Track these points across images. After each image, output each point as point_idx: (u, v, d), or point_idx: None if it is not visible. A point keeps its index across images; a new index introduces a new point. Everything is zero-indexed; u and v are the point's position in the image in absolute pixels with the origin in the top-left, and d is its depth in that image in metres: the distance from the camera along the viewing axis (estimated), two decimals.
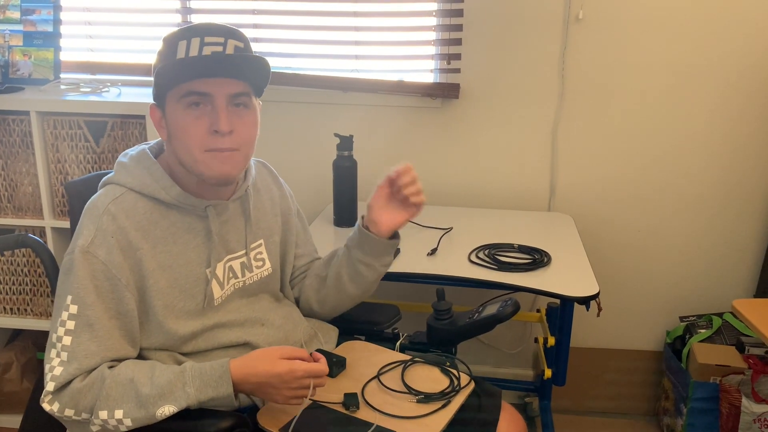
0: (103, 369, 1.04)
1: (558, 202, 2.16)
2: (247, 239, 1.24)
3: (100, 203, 1.11)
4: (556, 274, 1.63)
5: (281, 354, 1.05)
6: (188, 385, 1.02)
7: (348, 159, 1.90)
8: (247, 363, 1.04)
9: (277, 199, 1.35)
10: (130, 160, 1.16)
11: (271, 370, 1.03)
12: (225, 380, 1.02)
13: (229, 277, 1.21)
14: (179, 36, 1.09)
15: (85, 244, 1.06)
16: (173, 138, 1.11)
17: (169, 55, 1.09)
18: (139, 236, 1.10)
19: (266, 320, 1.25)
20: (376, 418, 1.11)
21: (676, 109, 2.03)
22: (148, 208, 1.12)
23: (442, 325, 1.34)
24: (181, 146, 1.11)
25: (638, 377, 2.29)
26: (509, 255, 1.73)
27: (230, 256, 1.22)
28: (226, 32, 1.10)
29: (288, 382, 1.04)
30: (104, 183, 1.17)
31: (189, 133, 1.08)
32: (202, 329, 1.16)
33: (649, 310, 2.24)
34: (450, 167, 2.17)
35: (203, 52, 1.07)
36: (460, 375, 1.24)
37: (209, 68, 1.08)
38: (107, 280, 1.06)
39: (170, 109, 1.10)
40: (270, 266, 1.30)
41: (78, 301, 1.04)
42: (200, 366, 1.04)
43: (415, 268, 1.64)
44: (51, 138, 2.00)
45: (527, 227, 1.97)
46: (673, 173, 2.09)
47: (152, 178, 1.13)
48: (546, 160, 2.12)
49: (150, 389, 1.01)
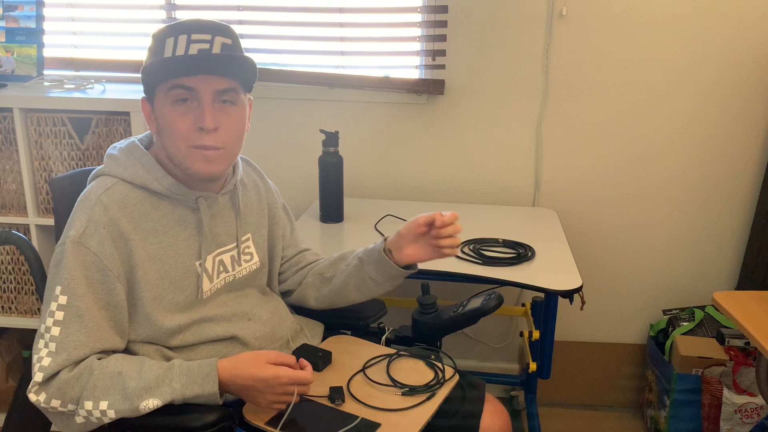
0: (92, 360, 1.04)
1: (543, 198, 2.18)
2: (238, 232, 1.25)
3: (92, 194, 1.11)
4: (540, 269, 1.65)
5: (268, 359, 1.06)
6: (175, 381, 1.02)
7: (334, 155, 1.91)
8: (234, 365, 1.05)
9: (263, 194, 1.36)
10: (120, 152, 1.16)
11: (257, 374, 1.04)
12: (211, 378, 1.03)
13: (219, 271, 1.22)
14: (167, 33, 1.09)
15: (76, 234, 1.06)
16: (162, 131, 1.13)
17: (157, 53, 1.10)
18: (130, 227, 1.10)
19: (253, 315, 1.25)
20: (361, 411, 1.12)
21: (659, 105, 2.05)
22: (139, 199, 1.13)
23: (427, 318, 1.35)
24: (168, 140, 1.12)
25: (622, 370, 2.31)
26: (494, 249, 1.74)
27: (220, 249, 1.22)
28: (214, 29, 1.11)
29: (273, 387, 1.05)
30: (95, 175, 1.17)
31: (176, 127, 1.10)
32: (189, 323, 1.16)
33: (633, 303, 2.26)
34: (435, 163, 2.19)
35: (190, 50, 1.08)
36: (445, 368, 1.25)
37: (195, 67, 1.08)
38: (98, 271, 1.06)
39: (159, 103, 1.11)
40: (258, 260, 1.30)
41: (67, 292, 1.05)
42: (189, 363, 1.05)
43: None
44: (35, 135, 1.98)
45: (512, 222, 1.98)
46: (656, 168, 2.11)
47: (144, 169, 1.14)
48: (531, 156, 2.14)
49: (137, 383, 1.01)
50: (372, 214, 2.02)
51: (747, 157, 2.07)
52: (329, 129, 1.91)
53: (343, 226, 1.94)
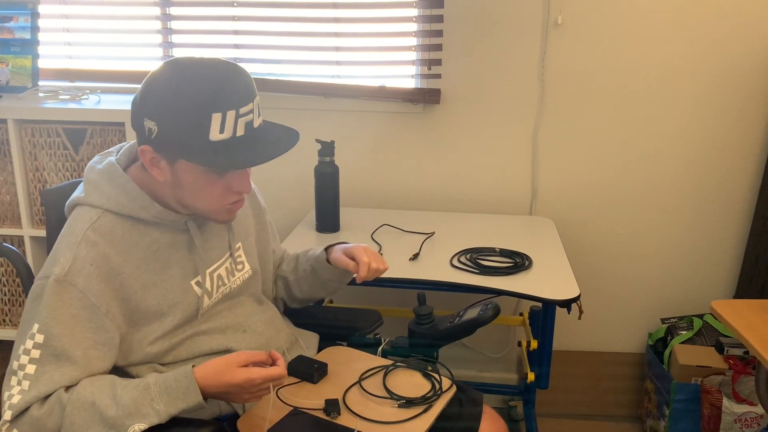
0: (60, 394, 1.00)
1: (539, 206, 2.17)
2: (231, 242, 1.24)
3: (78, 229, 1.06)
4: (537, 278, 1.64)
5: (239, 362, 1.04)
6: (156, 401, 1.00)
7: (330, 165, 1.90)
8: (208, 375, 1.02)
9: (246, 200, 1.33)
10: (100, 177, 1.11)
11: (231, 380, 1.02)
12: (193, 390, 1.01)
13: (218, 286, 1.21)
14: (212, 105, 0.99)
15: (61, 273, 1.02)
16: (184, 189, 1.07)
17: (196, 127, 0.99)
18: (120, 260, 1.07)
19: (248, 326, 1.24)
20: (357, 424, 1.11)
21: (655, 112, 2.05)
22: (126, 229, 1.09)
23: (424, 329, 1.34)
24: (193, 199, 1.08)
25: (621, 380, 2.30)
26: (491, 259, 1.73)
27: (216, 264, 1.21)
28: (253, 92, 1.05)
29: (247, 389, 1.04)
30: (75, 203, 1.12)
31: (210, 193, 1.07)
32: (183, 339, 1.15)
33: (631, 312, 2.25)
34: (431, 172, 2.18)
35: (237, 128, 1.02)
36: (442, 379, 1.24)
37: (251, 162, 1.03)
38: (85, 309, 1.03)
39: (183, 167, 1.05)
40: (249, 268, 1.29)
41: (45, 331, 1.00)
42: (164, 379, 1.02)
43: (397, 273, 1.64)
44: (29, 146, 1.98)
45: (509, 231, 1.98)
46: (653, 176, 2.11)
47: (128, 197, 1.09)
48: (527, 164, 2.14)
49: (115, 410, 0.98)
50: (368, 223, 2.01)
51: (744, 164, 2.07)
52: (325, 139, 1.91)
53: (340, 236, 1.93)
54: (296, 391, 1.20)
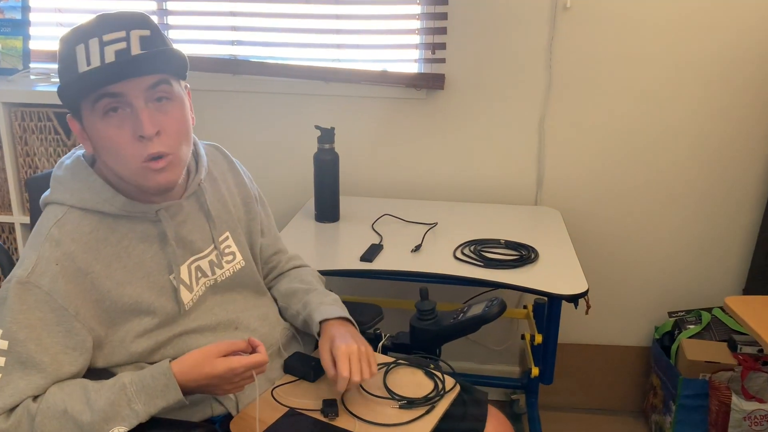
0: (28, 404, 0.94)
1: (545, 196, 2.11)
2: (213, 235, 1.17)
3: (42, 228, 1.01)
4: (543, 271, 1.58)
5: (218, 352, 0.99)
6: (134, 402, 0.94)
7: (329, 152, 1.84)
8: (186, 369, 0.98)
9: (233, 188, 1.25)
10: (65, 173, 1.05)
11: (211, 372, 0.98)
12: (172, 387, 0.96)
13: (197, 277, 1.14)
14: (75, 39, 0.95)
15: (24, 274, 0.95)
16: (100, 151, 1.00)
17: (69, 66, 0.96)
18: (88, 258, 1.00)
19: (240, 323, 1.18)
20: (356, 426, 1.06)
21: (665, 101, 1.98)
22: (93, 225, 1.02)
23: (426, 325, 1.28)
24: (112, 159, 0.99)
25: (626, 374, 2.25)
26: (496, 251, 1.68)
27: (196, 256, 1.14)
28: (127, 23, 0.96)
29: (229, 380, 1.00)
30: (44, 202, 1.06)
31: (115, 144, 0.97)
32: (170, 337, 1.09)
33: (637, 305, 2.20)
34: (434, 160, 2.12)
35: (105, 55, 0.93)
36: (445, 378, 1.18)
37: (116, 74, 0.94)
38: (52, 312, 0.96)
39: (88, 121, 0.98)
40: (242, 258, 1.22)
41: (9, 337, 0.94)
42: (140, 377, 0.97)
43: (398, 265, 1.59)
44: (19, 130, 1.92)
45: (514, 222, 1.92)
46: (662, 166, 2.05)
47: (91, 192, 1.02)
48: (533, 153, 2.08)
49: (91, 416, 0.93)
50: (369, 213, 1.95)
51: (756, 156, 2.00)
52: (325, 125, 1.85)
53: (339, 225, 1.87)
54: (292, 391, 1.15)
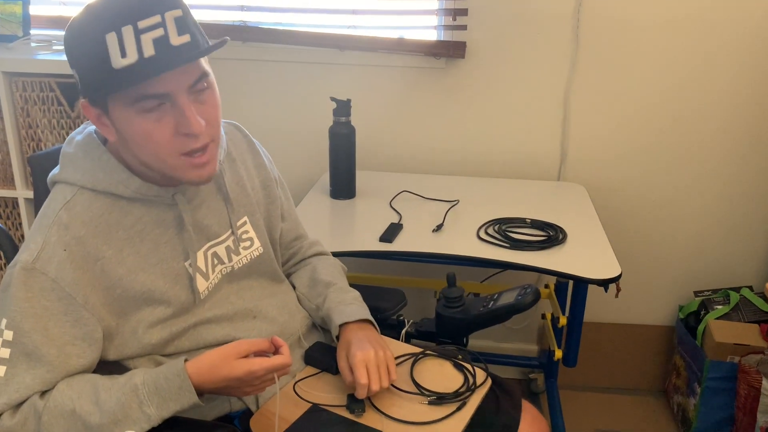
0: (35, 401, 0.89)
1: (568, 171, 2.02)
2: (231, 219, 1.09)
3: (50, 210, 0.94)
4: (573, 253, 1.50)
5: (237, 353, 0.92)
6: (145, 405, 0.88)
7: (345, 125, 1.75)
8: (203, 370, 0.91)
9: (253, 169, 1.18)
10: (76, 150, 0.97)
11: (230, 374, 0.91)
12: (186, 390, 0.89)
13: (213, 264, 1.07)
14: (102, 25, 0.85)
15: (29, 260, 0.89)
16: (130, 143, 0.92)
17: (97, 57, 0.85)
18: (99, 243, 0.94)
19: (258, 312, 1.11)
20: (383, 424, 1.00)
21: (699, 71, 1.88)
22: (105, 208, 0.95)
23: (454, 313, 1.21)
24: (145, 152, 0.92)
25: (648, 353, 2.19)
26: (521, 231, 1.60)
27: (212, 242, 1.07)
28: (158, 3, 0.86)
29: (249, 383, 0.93)
30: (52, 181, 1.00)
31: (154, 140, 0.89)
32: (185, 328, 1.02)
33: (662, 283, 2.13)
34: (454, 133, 2.02)
35: (143, 47, 0.84)
36: (475, 371, 1.12)
37: (157, 69, 0.85)
38: (59, 301, 0.90)
39: (117, 113, 0.89)
40: (260, 245, 1.15)
41: (14, 327, 0.89)
42: (153, 378, 0.90)
43: (420, 246, 1.51)
44: (20, 101, 1.83)
45: (538, 199, 1.83)
46: (692, 139, 1.95)
47: (105, 172, 0.95)
48: (557, 126, 1.98)
49: (100, 417, 0.87)
50: (386, 189, 1.87)
51: None
52: (340, 96, 1.76)
53: (355, 202, 1.79)
54: (315, 384, 1.09)
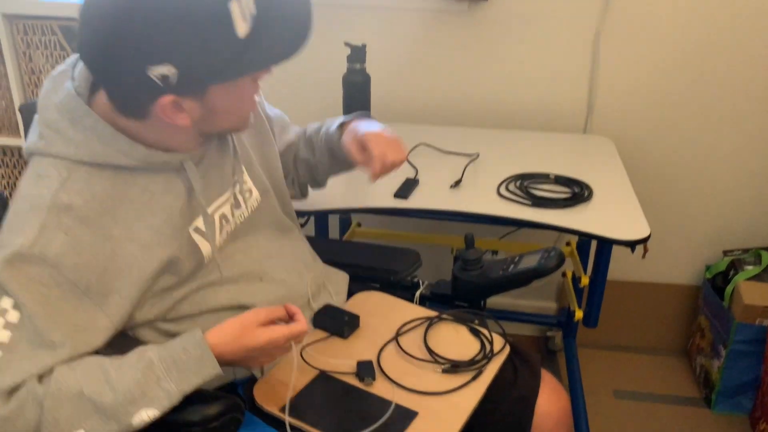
0: (33, 386, 0.80)
1: (595, 123, 1.92)
2: (236, 175, 1.03)
3: (44, 191, 0.83)
4: (598, 211, 1.42)
5: (257, 321, 0.88)
6: (164, 380, 0.82)
7: (360, 73, 1.66)
8: (224, 340, 0.86)
9: None
10: (60, 118, 0.86)
11: (252, 343, 0.86)
12: (208, 361, 0.83)
13: (222, 226, 1.01)
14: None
15: (26, 244, 0.80)
16: (209, 118, 0.89)
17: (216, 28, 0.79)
18: (106, 222, 0.85)
19: (265, 273, 1.05)
20: (394, 394, 0.95)
21: (742, 16, 1.74)
22: (107, 182, 0.86)
23: (471, 277, 1.15)
24: (223, 122, 0.92)
25: (670, 313, 2.13)
26: (544, 188, 1.51)
27: (218, 202, 1.00)
28: None
29: (269, 352, 0.89)
30: (33, 152, 0.87)
31: (241, 106, 0.92)
32: (186, 294, 0.96)
33: (689, 241, 2.04)
34: (476, 82, 1.92)
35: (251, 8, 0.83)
36: (493, 337, 1.06)
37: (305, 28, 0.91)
38: (58, 287, 0.82)
39: (223, 90, 0.86)
40: (258, 194, 1.08)
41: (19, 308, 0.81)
42: (170, 351, 0.84)
43: (437, 203, 1.44)
44: (22, 45, 1.76)
45: (563, 153, 1.74)
46: (729, 92, 1.82)
47: (103, 143, 0.85)
48: (584, 74, 1.86)
49: (113, 396, 0.81)
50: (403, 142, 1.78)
51: None
52: (355, 41, 1.65)
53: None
54: (323, 350, 1.04)
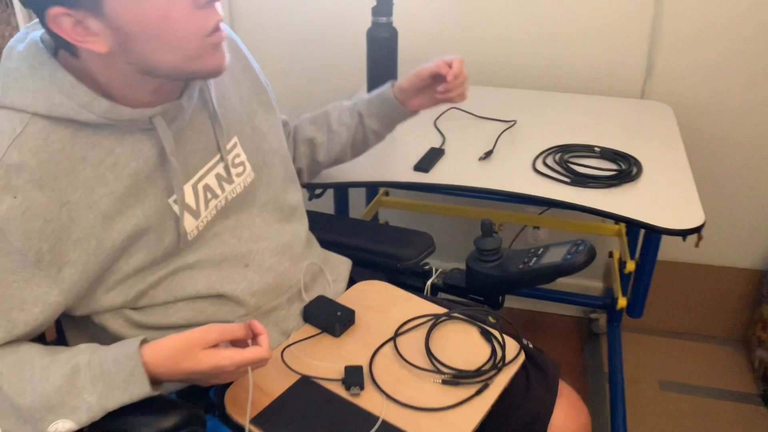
0: None
1: (655, 87, 1.70)
2: (219, 141, 0.90)
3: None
4: (647, 192, 1.24)
5: (206, 341, 0.75)
6: (87, 391, 0.72)
7: (386, 27, 1.50)
8: (160, 360, 0.74)
9: (240, 74, 0.98)
10: (21, 65, 0.77)
11: (193, 368, 0.74)
12: (138, 379, 0.73)
13: (207, 199, 0.89)
14: None
15: None
16: (137, 40, 0.73)
17: None
18: (63, 185, 0.75)
19: (252, 259, 0.93)
20: (383, 407, 0.82)
21: None
22: (67, 139, 0.76)
23: (487, 269, 1.00)
24: (158, 47, 0.74)
25: (727, 299, 1.92)
26: (587, 163, 1.33)
27: (202, 172, 0.89)
28: None
29: (216, 377, 0.77)
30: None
31: (172, 21, 0.72)
32: (161, 277, 0.86)
33: (754, 222, 1.82)
34: (517, 36, 1.72)
35: None
36: (506, 342, 0.92)
37: None
38: (6, 256, 0.74)
39: (116, 3, 0.70)
40: (251, 169, 0.96)
41: None
42: (101, 359, 0.74)
43: (461, 177, 1.28)
44: None
45: (613, 120, 1.54)
46: None
47: (63, 94, 0.75)
48: (645, 29, 1.64)
49: (31, 400, 0.72)
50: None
51: None
52: None
53: None
54: (310, 349, 0.92)
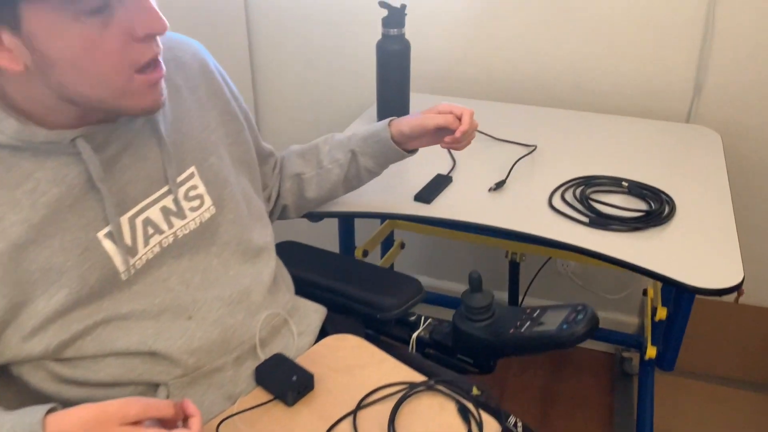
0: None
1: (702, 110, 1.52)
2: (167, 171, 0.81)
3: None
4: (678, 240, 1.07)
5: (123, 417, 0.65)
6: None
7: (398, 39, 1.39)
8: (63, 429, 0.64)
9: (206, 99, 0.89)
10: None
11: None
12: None
13: (147, 235, 0.80)
14: None
15: None
16: (60, 67, 0.66)
17: None
18: None
19: (197, 310, 0.82)
20: None
21: None
22: None
23: (474, 329, 0.87)
24: (83, 77, 0.68)
25: None
26: (612, 199, 1.17)
27: (142, 204, 0.79)
28: None
29: None
30: None
31: (101, 53, 0.67)
32: (89, 325, 0.76)
33: None
34: (547, 50, 1.57)
35: None
36: (483, 423, 0.78)
37: None
38: None
39: (38, 25, 0.63)
40: (211, 203, 0.86)
41: None
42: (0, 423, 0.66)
43: (465, 211, 1.14)
44: None
45: (649, 149, 1.37)
46: None
47: None
48: (694, 47, 1.47)
49: None
50: None
51: None
52: (392, 2, 1.37)
53: None
54: (256, 420, 0.80)
